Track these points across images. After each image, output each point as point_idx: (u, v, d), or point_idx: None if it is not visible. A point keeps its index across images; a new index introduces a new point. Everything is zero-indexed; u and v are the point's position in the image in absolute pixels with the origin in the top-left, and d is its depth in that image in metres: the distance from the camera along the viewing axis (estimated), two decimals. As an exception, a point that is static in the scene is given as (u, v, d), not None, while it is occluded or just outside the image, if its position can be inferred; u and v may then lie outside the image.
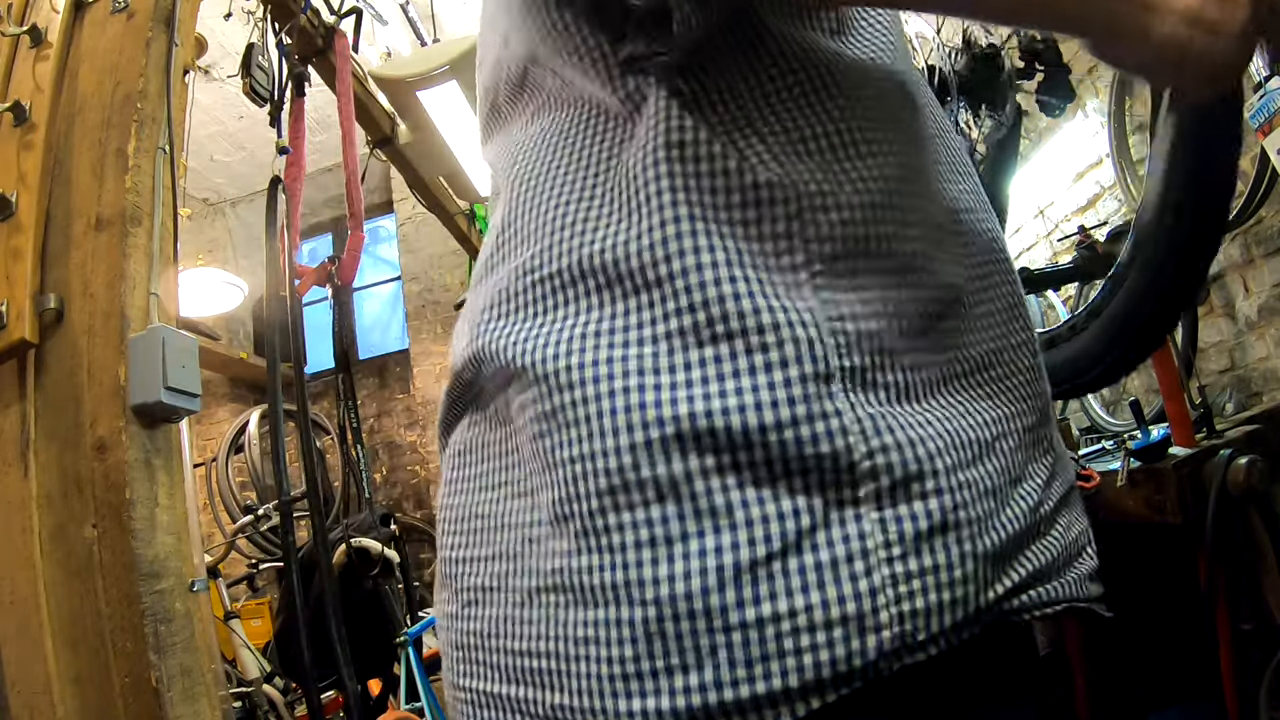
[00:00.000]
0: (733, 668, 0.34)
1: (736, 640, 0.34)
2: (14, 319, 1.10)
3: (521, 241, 0.45)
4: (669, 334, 0.38)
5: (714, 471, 0.36)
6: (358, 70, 2.44)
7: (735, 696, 0.34)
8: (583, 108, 0.46)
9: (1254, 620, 1.14)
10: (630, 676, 0.35)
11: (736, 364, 0.37)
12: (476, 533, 0.45)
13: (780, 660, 0.34)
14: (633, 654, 0.35)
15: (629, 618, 0.35)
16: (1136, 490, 1.23)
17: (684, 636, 0.35)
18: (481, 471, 0.46)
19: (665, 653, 0.35)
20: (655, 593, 0.35)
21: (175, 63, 1.26)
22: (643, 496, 0.36)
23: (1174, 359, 1.34)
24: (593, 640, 0.36)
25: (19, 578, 1.04)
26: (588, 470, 0.37)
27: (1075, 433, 2.06)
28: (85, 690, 0.99)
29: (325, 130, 4.44)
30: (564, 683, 0.37)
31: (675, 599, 0.35)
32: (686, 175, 0.40)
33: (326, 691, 2.28)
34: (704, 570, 0.35)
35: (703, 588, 0.35)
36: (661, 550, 0.35)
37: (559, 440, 0.38)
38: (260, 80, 1.96)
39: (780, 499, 0.35)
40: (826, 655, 0.34)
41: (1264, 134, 1.48)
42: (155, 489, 1.07)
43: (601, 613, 0.36)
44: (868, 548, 0.35)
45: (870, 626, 0.34)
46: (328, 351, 2.21)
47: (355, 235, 2.16)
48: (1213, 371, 2.08)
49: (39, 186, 1.17)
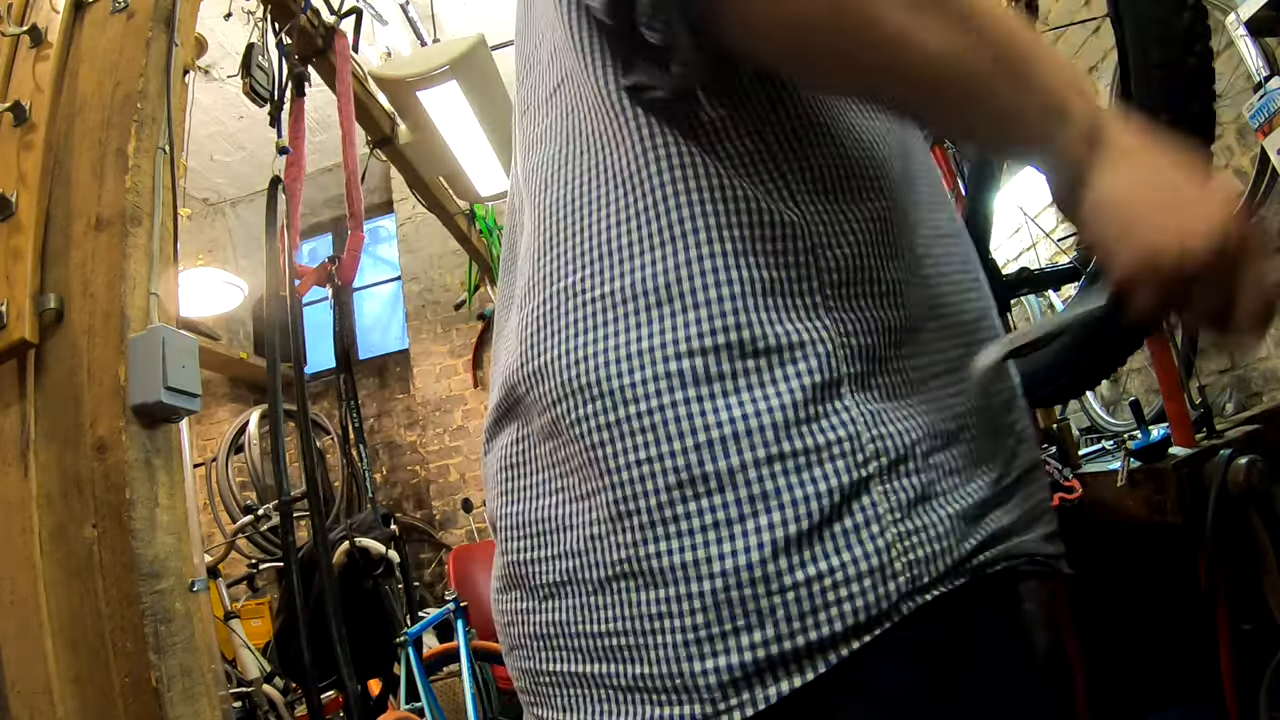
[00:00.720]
0: (789, 622, 0.41)
1: (790, 599, 0.41)
2: (14, 319, 1.10)
3: (567, 264, 0.50)
4: (715, 348, 0.45)
5: (763, 463, 0.43)
6: (358, 70, 2.44)
7: (793, 646, 0.41)
8: (609, 132, 0.50)
9: (1254, 620, 1.14)
10: (703, 640, 0.42)
11: (773, 374, 0.44)
12: (541, 535, 0.51)
13: (826, 611, 0.41)
14: (704, 621, 0.42)
15: (699, 591, 0.43)
16: (1136, 490, 1.23)
17: (747, 601, 0.42)
18: (537, 481, 0.52)
19: (732, 617, 0.42)
20: (721, 567, 0.42)
21: (175, 63, 1.26)
22: (706, 488, 0.43)
23: (1174, 359, 1.34)
24: (666, 615, 0.43)
25: (19, 578, 1.04)
26: (655, 470, 0.44)
27: (1075, 433, 2.06)
28: (85, 690, 0.99)
29: (325, 130, 4.44)
30: (642, 655, 0.44)
31: (739, 570, 0.42)
32: (721, 214, 0.46)
33: (326, 691, 2.28)
34: (760, 545, 0.42)
35: (761, 559, 0.42)
36: (724, 531, 0.43)
37: (623, 446, 0.45)
38: (260, 80, 1.96)
39: (816, 481, 0.43)
40: (861, 602, 0.41)
41: (1264, 134, 1.48)
42: (155, 489, 1.07)
43: (673, 590, 0.43)
44: (879, 513, 0.43)
45: (890, 574, 0.42)
46: (328, 351, 2.21)
47: (355, 235, 2.16)
48: (1213, 371, 2.08)
49: (39, 186, 1.17)
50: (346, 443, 3.65)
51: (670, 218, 0.47)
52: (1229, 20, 1.54)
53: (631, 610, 0.45)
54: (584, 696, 0.48)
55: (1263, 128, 1.47)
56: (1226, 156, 1.91)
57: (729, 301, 0.45)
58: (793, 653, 0.41)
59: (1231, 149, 1.89)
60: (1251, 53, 1.50)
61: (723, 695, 0.42)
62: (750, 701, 0.42)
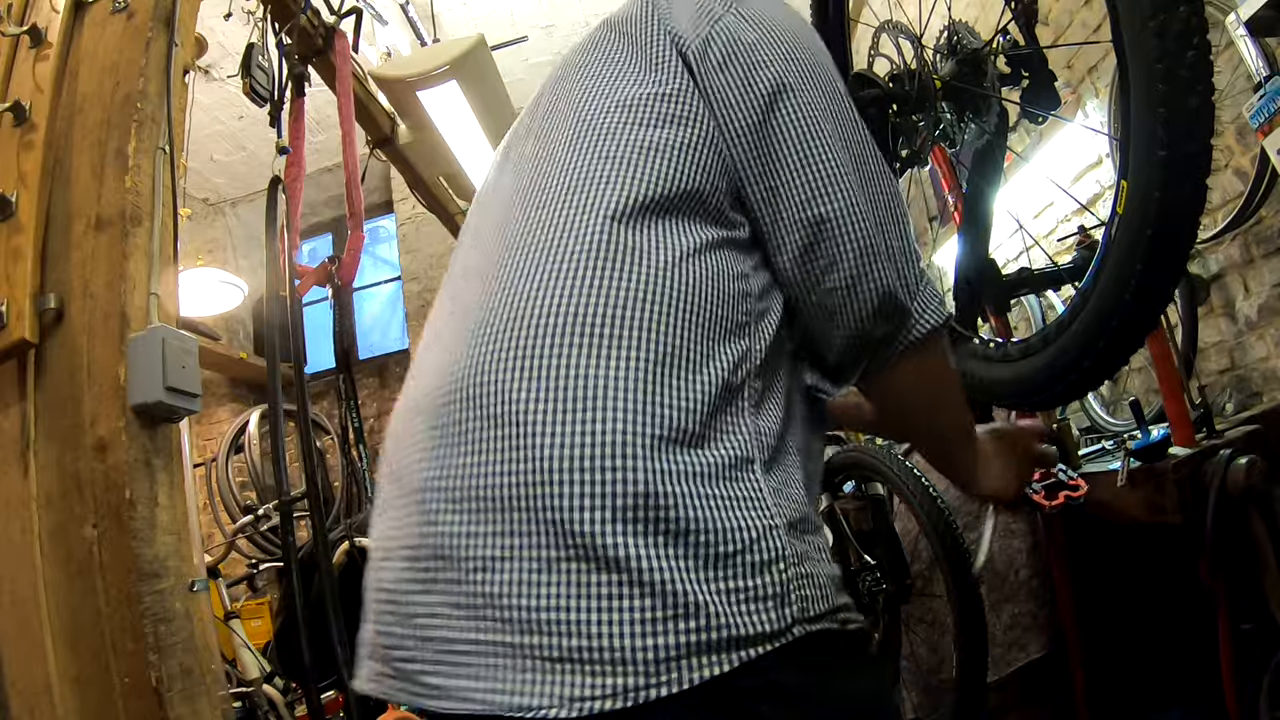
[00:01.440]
0: (716, 617, 0.50)
1: (719, 601, 0.51)
2: (14, 319, 1.10)
3: (687, 359, 0.59)
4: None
5: (704, 497, 0.54)
6: (358, 70, 2.43)
7: (718, 637, 0.50)
8: (743, 276, 0.64)
9: (1254, 620, 1.14)
10: (646, 621, 0.50)
11: (714, 445, 0.58)
12: (482, 512, 0.55)
13: (742, 617, 0.51)
14: (650, 605, 0.50)
15: (649, 581, 0.50)
16: (1136, 490, 1.23)
17: (686, 595, 0.50)
18: (484, 459, 0.56)
19: (674, 605, 0.50)
20: (670, 565, 0.51)
21: (175, 63, 1.26)
22: (660, 504, 0.53)
23: (1174, 359, 1.34)
24: (617, 596, 0.50)
25: (19, 578, 1.04)
26: (620, 478, 0.53)
27: (1075, 433, 2.06)
28: (85, 690, 0.99)
29: (325, 130, 4.44)
30: (583, 630, 0.50)
31: (685, 571, 0.51)
32: (805, 402, 0.68)
33: (326, 691, 2.28)
34: (699, 556, 0.52)
35: (699, 565, 0.52)
36: (673, 539, 0.52)
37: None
38: (260, 80, 1.95)
39: (745, 518, 0.55)
40: (768, 616, 0.52)
41: (1264, 134, 1.48)
42: (155, 489, 1.07)
43: (625, 576, 0.51)
44: (785, 555, 0.54)
45: (787, 602, 0.53)
46: (328, 351, 2.21)
47: (355, 235, 2.15)
48: (1213, 371, 2.08)
49: (39, 186, 1.17)
50: (346, 443, 3.65)
51: (775, 379, 0.65)
52: (1229, 20, 1.54)
53: (580, 590, 0.51)
54: (505, 666, 0.52)
55: (1263, 128, 1.47)
56: (1226, 156, 1.90)
57: (787, 439, 0.65)
58: (716, 643, 0.50)
59: (1231, 149, 1.89)
60: (1251, 53, 1.50)
61: (655, 670, 0.49)
62: (677, 680, 0.49)
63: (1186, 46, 0.65)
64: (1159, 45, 0.65)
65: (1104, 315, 0.77)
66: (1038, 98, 0.93)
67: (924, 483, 1.70)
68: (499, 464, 0.55)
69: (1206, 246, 1.99)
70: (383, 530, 0.64)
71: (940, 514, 1.64)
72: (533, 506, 0.53)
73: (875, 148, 0.69)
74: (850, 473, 2.05)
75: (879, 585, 1.85)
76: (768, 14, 0.69)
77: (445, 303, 0.72)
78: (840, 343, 0.68)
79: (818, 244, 0.64)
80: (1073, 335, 0.83)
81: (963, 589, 1.58)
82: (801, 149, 0.64)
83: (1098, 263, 0.78)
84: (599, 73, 0.69)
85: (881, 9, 1.25)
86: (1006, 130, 1.02)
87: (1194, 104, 0.66)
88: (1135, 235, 0.71)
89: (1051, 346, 0.88)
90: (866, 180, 0.66)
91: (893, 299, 0.66)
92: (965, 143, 1.03)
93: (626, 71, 0.68)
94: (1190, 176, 0.68)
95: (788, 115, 0.65)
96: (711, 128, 0.65)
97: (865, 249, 0.64)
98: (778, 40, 0.67)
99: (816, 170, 0.64)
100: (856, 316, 0.66)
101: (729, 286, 0.61)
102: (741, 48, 0.66)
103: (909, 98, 1.02)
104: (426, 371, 0.65)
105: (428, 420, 0.61)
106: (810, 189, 0.64)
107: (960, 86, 0.97)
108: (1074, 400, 1.95)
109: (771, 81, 0.65)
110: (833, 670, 0.56)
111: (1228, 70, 1.76)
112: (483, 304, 0.62)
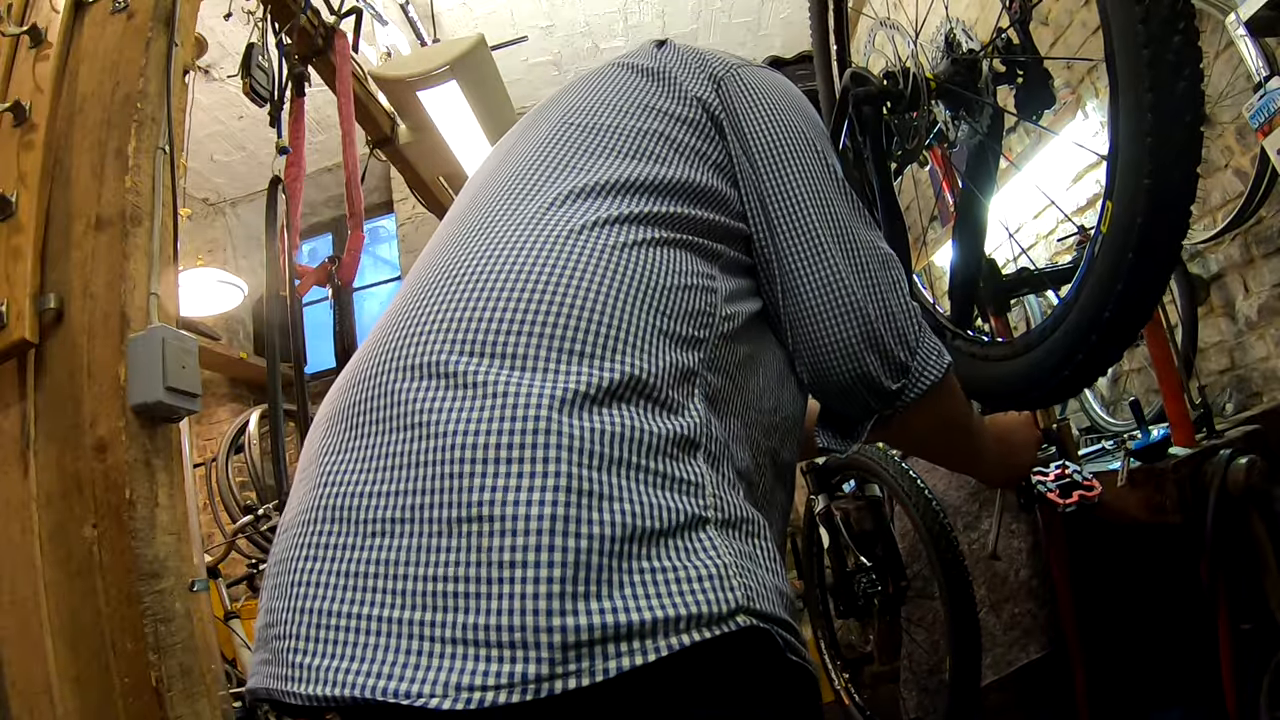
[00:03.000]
0: (637, 599, 0.43)
1: (641, 579, 0.44)
2: (14, 319, 1.10)
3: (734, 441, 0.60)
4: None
5: (635, 467, 0.48)
6: (358, 70, 2.43)
7: (640, 620, 0.43)
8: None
9: (1254, 620, 1.14)
10: (554, 596, 0.43)
11: (663, 418, 0.54)
12: (386, 470, 0.50)
13: (670, 598, 0.44)
14: (559, 576, 0.43)
15: (560, 545, 0.44)
16: (1136, 490, 1.23)
17: (603, 569, 0.44)
18: (388, 416, 0.52)
19: (587, 580, 0.43)
20: (587, 530, 0.44)
21: (175, 63, 1.26)
22: (590, 463, 0.47)
23: (1174, 359, 1.34)
24: (520, 564, 0.43)
25: (19, 578, 1.04)
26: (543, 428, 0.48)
27: (1075, 433, 2.06)
28: (85, 690, 0.99)
29: (325, 130, 4.44)
30: (481, 604, 0.43)
31: (601, 538, 0.44)
32: (771, 459, 0.65)
33: (326, 691, 2.27)
34: (623, 524, 0.45)
35: (622, 536, 0.45)
36: (593, 501, 0.46)
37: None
38: (260, 80, 1.95)
39: (685, 494, 0.49)
40: (703, 598, 0.45)
41: (1264, 134, 1.48)
42: (155, 489, 1.07)
43: (532, 540, 0.44)
44: (716, 545, 0.48)
45: (728, 586, 0.46)
46: (328, 351, 2.21)
47: (355, 235, 2.15)
48: (1213, 371, 2.08)
49: (39, 186, 1.17)
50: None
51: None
52: (1229, 20, 1.54)
53: (479, 555, 0.44)
54: (387, 646, 0.44)
55: (1263, 128, 1.47)
56: (1226, 156, 1.90)
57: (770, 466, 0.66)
58: (639, 626, 0.43)
59: (1231, 149, 1.89)
60: (1251, 53, 1.50)
61: (563, 657, 0.42)
62: (589, 671, 0.42)
63: (1178, 77, 0.65)
64: (1150, 74, 0.65)
65: (1082, 330, 0.78)
66: (1032, 96, 0.93)
67: (919, 485, 1.70)
68: (407, 430, 0.50)
69: (1206, 246, 2.00)
70: (285, 513, 0.59)
71: (934, 516, 1.64)
72: (439, 460, 0.47)
73: (862, 209, 0.70)
74: (847, 474, 2.05)
75: (876, 586, 1.85)
76: (776, 77, 0.77)
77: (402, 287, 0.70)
78: (839, 404, 0.70)
79: (806, 318, 0.67)
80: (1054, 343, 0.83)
81: (956, 590, 1.58)
82: (790, 215, 0.68)
83: (1080, 277, 0.79)
84: (606, 86, 0.71)
85: (881, 7, 1.25)
86: (1002, 130, 1.02)
87: (1182, 136, 0.66)
88: (1117, 257, 0.72)
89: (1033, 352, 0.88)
90: (850, 248, 0.67)
91: (890, 361, 0.67)
92: (961, 141, 1.03)
93: (640, 86, 0.70)
94: (1174, 206, 0.69)
95: (780, 174, 0.68)
96: (720, 149, 0.68)
97: (858, 322, 0.66)
98: (788, 96, 0.73)
99: (804, 241, 0.67)
100: (851, 381, 0.67)
101: (687, 281, 0.59)
102: (762, 87, 0.72)
103: (903, 96, 1.02)
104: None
105: (334, 405, 0.60)
106: (799, 259, 0.67)
107: (953, 87, 0.97)
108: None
109: (779, 133, 0.70)
110: (775, 674, 0.49)
111: (1228, 70, 1.76)
112: (423, 282, 0.60)
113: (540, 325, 0.51)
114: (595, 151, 0.63)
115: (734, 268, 0.66)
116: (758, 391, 0.64)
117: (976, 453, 0.94)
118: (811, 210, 0.67)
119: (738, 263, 0.67)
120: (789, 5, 4.42)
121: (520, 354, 0.50)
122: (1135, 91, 0.67)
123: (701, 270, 0.61)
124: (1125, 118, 0.68)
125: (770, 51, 2.81)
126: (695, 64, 0.71)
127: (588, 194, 0.60)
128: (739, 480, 0.56)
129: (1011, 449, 1.07)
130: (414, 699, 0.42)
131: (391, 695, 0.43)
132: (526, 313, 0.52)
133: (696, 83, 0.70)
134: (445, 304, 0.55)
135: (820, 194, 0.68)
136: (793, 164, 0.68)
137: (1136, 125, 0.67)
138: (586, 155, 0.63)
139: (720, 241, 0.65)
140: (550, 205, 0.59)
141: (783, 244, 0.67)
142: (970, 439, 0.89)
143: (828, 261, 0.66)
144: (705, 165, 0.66)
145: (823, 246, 0.67)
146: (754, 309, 0.67)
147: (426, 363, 0.52)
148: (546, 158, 0.65)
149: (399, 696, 0.43)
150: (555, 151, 0.65)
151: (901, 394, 0.68)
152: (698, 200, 0.64)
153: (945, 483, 1.86)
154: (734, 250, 0.66)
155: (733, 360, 0.61)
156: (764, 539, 0.53)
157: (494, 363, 0.50)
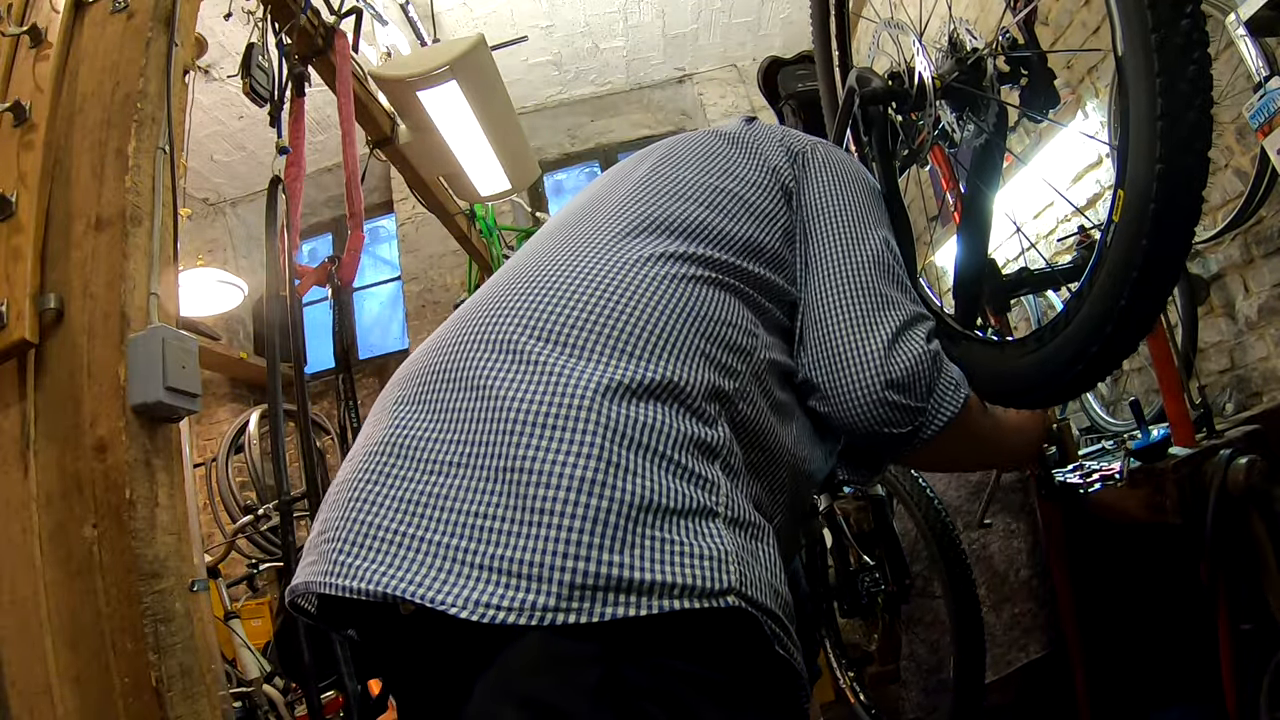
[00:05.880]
0: (643, 560, 0.49)
1: (650, 544, 0.50)
2: (14, 319, 1.10)
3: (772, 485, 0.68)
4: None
5: (661, 455, 0.54)
6: (358, 70, 2.43)
7: (641, 578, 0.49)
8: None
9: (1254, 620, 1.14)
10: (571, 543, 0.49)
11: (694, 422, 0.60)
12: (450, 421, 0.58)
13: (673, 565, 0.50)
14: (580, 527, 0.50)
15: (586, 503, 0.50)
16: (1136, 490, 1.23)
17: (620, 529, 0.50)
18: (459, 378, 0.61)
19: (603, 535, 0.50)
20: (610, 494, 0.51)
21: (175, 63, 1.26)
22: (626, 443, 0.54)
23: (1174, 359, 1.34)
24: (550, 511, 0.50)
25: (19, 578, 1.04)
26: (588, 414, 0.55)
27: (1075, 433, 2.06)
28: (85, 690, 0.99)
29: (325, 130, 4.44)
30: (510, 541, 0.50)
31: (622, 504, 0.51)
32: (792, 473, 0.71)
33: (326, 691, 2.27)
34: (640, 494, 0.52)
35: (639, 502, 0.51)
36: (619, 471, 0.52)
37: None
38: (260, 80, 1.95)
39: (700, 488, 0.55)
40: (702, 573, 0.50)
41: (1264, 134, 1.48)
42: (155, 489, 1.07)
43: (564, 494, 0.51)
44: (721, 532, 0.53)
45: (726, 569, 0.51)
46: (328, 351, 2.21)
47: (355, 235, 2.15)
48: (1213, 371, 2.08)
49: (39, 186, 1.17)
50: (346, 443, 3.65)
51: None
52: (1229, 20, 1.54)
53: (516, 501, 0.51)
54: (422, 561, 0.52)
55: (1263, 128, 1.48)
56: (1226, 156, 1.91)
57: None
58: (639, 584, 0.49)
59: (1231, 149, 1.89)
60: (1251, 53, 1.50)
61: (569, 594, 0.48)
62: (587, 611, 0.48)
63: (1188, 60, 0.64)
64: (1159, 58, 0.65)
65: (1097, 322, 0.77)
66: (1037, 96, 0.93)
67: (920, 484, 1.70)
68: (473, 390, 0.58)
69: (1206, 246, 1.99)
70: (354, 448, 0.67)
71: (937, 515, 1.64)
72: (496, 419, 0.55)
73: (900, 275, 0.77)
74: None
75: (878, 585, 1.85)
76: (845, 154, 0.86)
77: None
78: (863, 443, 0.75)
79: (826, 368, 0.72)
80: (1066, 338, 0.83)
81: (959, 589, 1.58)
82: (829, 268, 0.74)
83: (1091, 269, 0.78)
84: (697, 147, 0.80)
85: (881, 8, 1.25)
86: (1006, 129, 1.02)
87: (1193, 118, 0.66)
88: (1131, 243, 0.72)
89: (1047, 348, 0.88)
90: (877, 308, 0.73)
91: (906, 411, 0.71)
92: (965, 141, 1.03)
93: (726, 153, 0.79)
94: (1188, 189, 0.68)
95: (827, 236, 0.76)
96: (787, 215, 0.76)
97: (874, 373, 0.70)
98: (852, 170, 0.82)
99: (829, 301, 0.73)
100: (870, 428, 0.71)
101: (732, 320, 0.66)
102: (831, 160, 0.81)
103: (908, 95, 1.02)
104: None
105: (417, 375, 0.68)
106: (823, 311, 0.73)
107: (958, 86, 0.97)
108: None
109: (836, 201, 0.78)
110: (759, 695, 0.53)
111: (1228, 70, 1.76)
112: (512, 285, 0.68)
113: (598, 324, 0.60)
114: (674, 196, 0.72)
115: (775, 327, 0.72)
116: (791, 438, 0.70)
117: (997, 453, 1.01)
118: (847, 272, 0.74)
119: (780, 324, 0.73)
120: (789, 5, 4.42)
121: (578, 344, 0.58)
122: (1145, 76, 0.66)
123: (747, 316, 0.68)
124: (1135, 103, 0.68)
125: (770, 51, 2.81)
126: (778, 139, 0.82)
127: (658, 230, 0.69)
128: (750, 501, 0.61)
129: (1026, 438, 1.10)
130: (435, 604, 0.49)
131: (416, 598, 0.50)
132: (589, 313, 0.60)
133: (776, 154, 0.79)
134: (524, 298, 0.64)
135: (857, 256, 0.75)
136: (841, 227, 0.76)
137: (1147, 109, 0.67)
138: (666, 199, 0.72)
139: (769, 298, 0.71)
140: (624, 235, 0.68)
141: (811, 293, 0.74)
142: (994, 444, 0.94)
143: (847, 321, 0.72)
144: (771, 227, 0.74)
145: (847, 308, 0.73)
146: (790, 366, 0.73)
147: (500, 339, 0.61)
148: (630, 196, 0.73)
149: (423, 600, 0.50)
150: (639, 192, 0.73)
151: (919, 433, 0.72)
152: (756, 257, 0.71)
153: (945, 482, 1.86)
154: (779, 311, 0.73)
155: (765, 400, 0.66)
156: (769, 544, 0.58)
157: (555, 348, 0.58)
